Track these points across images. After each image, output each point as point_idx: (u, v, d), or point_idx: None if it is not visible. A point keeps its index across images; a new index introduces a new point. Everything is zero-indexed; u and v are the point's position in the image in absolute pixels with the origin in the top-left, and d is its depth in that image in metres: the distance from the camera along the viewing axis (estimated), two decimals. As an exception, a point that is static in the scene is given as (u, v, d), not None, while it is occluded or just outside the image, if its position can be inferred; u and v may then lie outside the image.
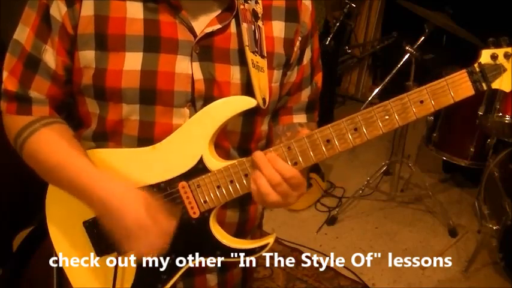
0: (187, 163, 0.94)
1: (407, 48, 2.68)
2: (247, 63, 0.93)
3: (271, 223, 2.86)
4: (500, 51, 0.86)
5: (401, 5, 2.79)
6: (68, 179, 0.94)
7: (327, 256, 2.66)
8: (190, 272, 1.03)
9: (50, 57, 0.94)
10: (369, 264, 2.62)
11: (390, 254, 2.71)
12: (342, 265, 2.60)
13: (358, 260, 2.63)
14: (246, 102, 0.92)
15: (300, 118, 1.11)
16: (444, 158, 3.01)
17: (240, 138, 1.01)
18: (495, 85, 0.86)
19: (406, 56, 2.69)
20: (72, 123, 1.03)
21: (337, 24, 3.73)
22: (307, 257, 2.59)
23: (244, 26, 0.94)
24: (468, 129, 2.81)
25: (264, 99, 0.94)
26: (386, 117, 0.87)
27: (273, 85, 1.00)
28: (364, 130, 0.88)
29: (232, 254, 0.98)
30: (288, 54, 1.02)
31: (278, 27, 1.00)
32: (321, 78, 1.13)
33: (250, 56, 0.93)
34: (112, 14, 0.91)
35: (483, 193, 2.64)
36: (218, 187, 0.94)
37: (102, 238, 0.99)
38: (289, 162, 0.90)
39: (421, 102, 0.87)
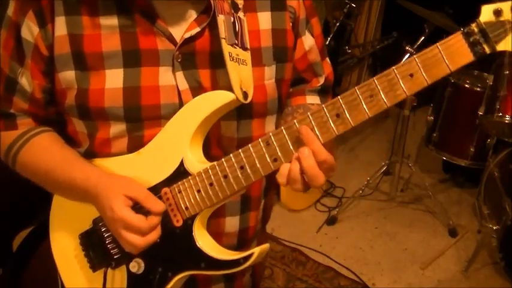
0: (169, 167, 0.90)
1: (407, 48, 2.69)
2: (224, 56, 0.86)
3: (271, 223, 2.85)
4: (506, 5, 0.71)
5: (402, 5, 2.79)
6: (63, 180, 0.93)
7: (327, 256, 2.66)
8: (195, 283, 1.00)
9: (26, 80, 0.92)
10: (369, 264, 2.63)
11: (390, 254, 2.72)
12: (342, 265, 2.60)
13: (358, 259, 2.65)
14: (223, 97, 0.86)
15: (313, 99, 1.07)
16: (444, 158, 3.01)
17: (238, 144, 0.95)
18: (501, 47, 0.71)
19: (406, 56, 2.69)
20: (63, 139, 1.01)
21: (337, 24, 3.73)
22: (307, 257, 2.61)
23: (220, 17, 0.88)
24: (468, 129, 2.81)
25: (245, 93, 0.87)
26: (371, 97, 0.76)
27: (267, 83, 0.95)
28: (348, 115, 0.78)
29: (216, 266, 0.91)
30: (278, 46, 0.96)
31: (265, 19, 0.94)
32: (329, 68, 1.09)
33: (227, 48, 0.87)
34: (86, 31, 0.86)
35: (483, 193, 2.64)
36: (198, 191, 0.88)
37: (94, 251, 0.98)
38: (268, 159, 0.84)
39: (411, 75, 0.74)
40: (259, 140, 0.83)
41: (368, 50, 4.51)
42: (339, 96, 0.79)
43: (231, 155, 0.86)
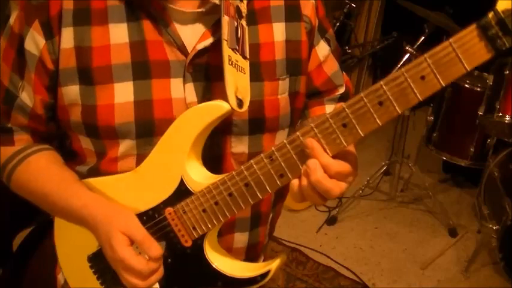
0: (169, 186, 0.85)
1: (407, 48, 2.68)
2: (222, 58, 0.80)
3: (271, 223, 2.86)
4: None
5: (402, 5, 2.79)
6: (60, 206, 0.89)
7: (327, 256, 2.66)
8: None
9: (27, 94, 0.86)
10: (369, 264, 2.63)
11: (390, 254, 2.72)
12: (342, 265, 2.60)
13: (358, 259, 2.65)
14: (217, 108, 0.80)
15: (331, 108, 1.01)
16: (444, 158, 3.01)
17: (248, 159, 0.88)
18: None
19: (406, 56, 2.69)
20: (62, 153, 0.97)
21: (337, 24, 3.73)
22: (307, 257, 2.61)
23: (225, 18, 0.82)
24: (468, 129, 2.80)
25: (240, 101, 0.81)
26: (381, 104, 0.69)
27: (280, 97, 0.91)
28: (356, 125, 0.71)
29: (234, 284, 0.89)
30: (292, 58, 0.92)
31: (279, 30, 0.90)
32: (346, 76, 1.07)
33: (227, 51, 0.81)
34: (95, 43, 0.81)
35: (483, 193, 2.64)
36: (204, 211, 0.85)
37: (104, 274, 0.94)
38: (274, 175, 0.79)
39: (423, 78, 0.66)
40: (262, 155, 0.78)
41: (368, 50, 4.51)
42: (343, 105, 0.72)
43: (234, 172, 0.81)
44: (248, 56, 0.86)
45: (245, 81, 0.84)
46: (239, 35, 0.85)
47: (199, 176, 0.86)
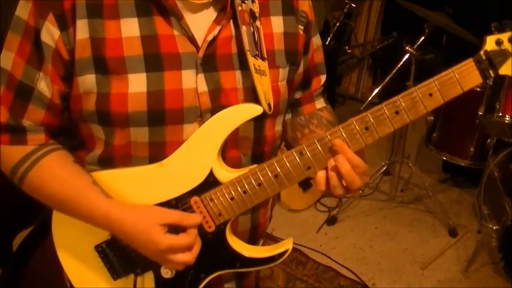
0: (197, 177, 0.93)
1: (407, 48, 2.68)
2: (250, 69, 0.90)
3: (271, 223, 2.85)
4: (504, 36, 0.86)
5: (402, 5, 2.79)
6: (80, 213, 0.93)
7: (327, 256, 2.66)
8: (208, 284, 1.02)
9: (45, 85, 0.88)
10: (369, 264, 2.63)
11: (390, 254, 2.72)
12: (342, 265, 2.60)
13: (358, 259, 2.65)
14: (252, 110, 0.90)
15: (319, 103, 1.12)
16: (444, 158, 3.01)
17: (253, 144, 0.99)
18: (502, 71, 0.86)
19: (406, 56, 2.69)
20: (72, 144, 0.99)
21: (337, 24, 3.73)
22: (307, 257, 2.61)
23: (243, 29, 0.90)
24: (468, 129, 2.81)
25: (269, 105, 0.92)
26: (397, 113, 0.87)
27: (280, 84, 0.98)
28: (375, 128, 0.88)
29: (251, 264, 0.98)
30: (290, 49, 0.99)
31: (277, 22, 0.97)
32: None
33: (252, 60, 0.90)
34: (108, 35, 0.85)
35: (483, 193, 2.64)
36: (232, 199, 0.93)
37: (117, 261, 0.99)
38: (302, 167, 0.90)
39: (430, 95, 0.86)
40: (293, 150, 0.90)
41: (368, 50, 4.51)
42: (367, 112, 0.88)
43: (264, 165, 0.91)
44: (266, 56, 0.94)
45: (267, 83, 0.93)
46: (256, 38, 0.93)
47: (225, 169, 0.94)
